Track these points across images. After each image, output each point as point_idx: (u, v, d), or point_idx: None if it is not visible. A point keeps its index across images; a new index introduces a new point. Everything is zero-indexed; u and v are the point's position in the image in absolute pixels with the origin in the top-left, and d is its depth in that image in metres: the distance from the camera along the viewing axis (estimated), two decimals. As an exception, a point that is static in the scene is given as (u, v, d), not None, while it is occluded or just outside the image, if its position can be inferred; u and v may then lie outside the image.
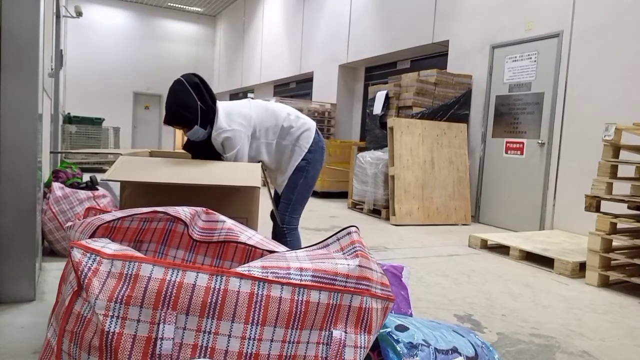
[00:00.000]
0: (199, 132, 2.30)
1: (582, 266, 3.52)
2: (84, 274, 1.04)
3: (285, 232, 2.47)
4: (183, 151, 2.52)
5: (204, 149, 2.39)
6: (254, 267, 1.11)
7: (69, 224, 1.34)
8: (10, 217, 2.26)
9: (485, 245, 4.39)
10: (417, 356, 1.39)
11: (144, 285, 1.02)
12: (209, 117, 2.29)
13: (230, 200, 1.91)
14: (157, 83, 16.77)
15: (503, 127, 5.67)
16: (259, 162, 2.43)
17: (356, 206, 6.48)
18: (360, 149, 6.73)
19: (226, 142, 2.32)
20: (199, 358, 1.02)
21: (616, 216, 3.30)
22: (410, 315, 2.08)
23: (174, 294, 1.02)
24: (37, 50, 2.26)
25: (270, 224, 2.66)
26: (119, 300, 1.01)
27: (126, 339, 0.99)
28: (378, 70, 8.92)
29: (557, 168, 4.99)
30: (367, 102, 6.95)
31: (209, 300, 1.03)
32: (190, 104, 2.24)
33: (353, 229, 1.29)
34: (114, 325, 0.99)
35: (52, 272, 2.85)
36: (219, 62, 17.15)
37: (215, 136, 2.30)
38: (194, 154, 2.46)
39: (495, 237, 4.39)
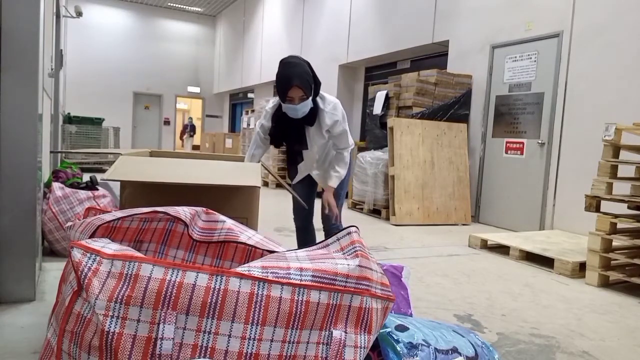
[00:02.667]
0: (308, 104, 2.42)
1: (582, 266, 3.52)
2: (84, 274, 1.04)
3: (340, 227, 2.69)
4: (183, 151, 2.53)
5: (293, 131, 2.55)
6: (254, 267, 1.11)
7: (69, 224, 1.34)
8: (10, 217, 2.26)
9: (485, 245, 4.39)
10: (417, 356, 1.38)
11: (144, 285, 1.02)
12: (315, 94, 2.47)
13: (230, 200, 1.91)
14: (157, 83, 16.77)
15: (503, 127, 5.67)
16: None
17: (356, 206, 6.48)
18: (360, 149, 6.73)
19: (342, 117, 2.56)
20: (199, 358, 1.02)
21: (616, 216, 3.30)
22: (410, 315, 2.08)
23: (174, 294, 1.02)
24: (37, 50, 2.26)
25: (270, 224, 2.67)
26: (119, 300, 1.01)
27: (126, 339, 0.99)
28: (378, 70, 8.92)
29: (557, 168, 4.99)
30: (367, 102, 6.95)
31: (209, 300, 1.03)
32: (311, 75, 2.41)
33: (353, 229, 1.29)
34: (114, 325, 0.99)
35: (52, 272, 2.85)
36: (219, 62, 17.15)
37: (330, 109, 2.50)
38: (279, 138, 2.64)
39: (495, 237, 4.39)
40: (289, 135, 2.62)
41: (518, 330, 2.44)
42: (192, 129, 17.64)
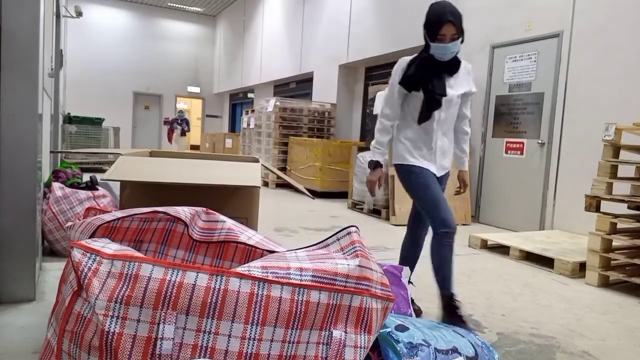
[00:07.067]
0: (457, 45, 2.30)
1: (582, 266, 3.52)
2: (84, 274, 1.04)
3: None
4: (183, 151, 2.50)
5: (434, 76, 2.32)
6: (254, 267, 1.11)
7: (69, 224, 1.34)
8: (10, 217, 2.26)
9: (485, 245, 4.39)
10: (417, 356, 1.39)
11: (144, 285, 1.02)
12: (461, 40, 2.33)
13: (230, 200, 1.91)
14: (157, 83, 16.77)
15: (503, 127, 5.67)
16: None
17: (356, 206, 6.48)
18: (360, 149, 6.73)
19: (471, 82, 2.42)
20: (199, 358, 1.02)
21: (616, 216, 3.30)
22: (410, 315, 2.08)
23: (174, 294, 1.02)
24: (37, 50, 2.26)
25: (270, 224, 2.64)
26: (119, 300, 1.01)
27: (126, 339, 0.99)
28: (378, 70, 8.92)
29: (557, 168, 4.99)
30: (367, 102, 6.95)
31: (209, 300, 1.03)
32: (462, 16, 2.32)
33: (353, 229, 1.29)
34: (114, 325, 0.99)
35: (52, 272, 2.85)
36: (219, 62, 17.16)
37: (469, 68, 2.48)
38: (420, 79, 2.32)
39: (495, 237, 4.39)
40: (428, 78, 2.32)
41: (518, 330, 2.44)
42: (185, 124, 13.78)
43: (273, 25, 12.52)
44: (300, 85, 11.65)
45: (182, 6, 16.54)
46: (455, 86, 2.39)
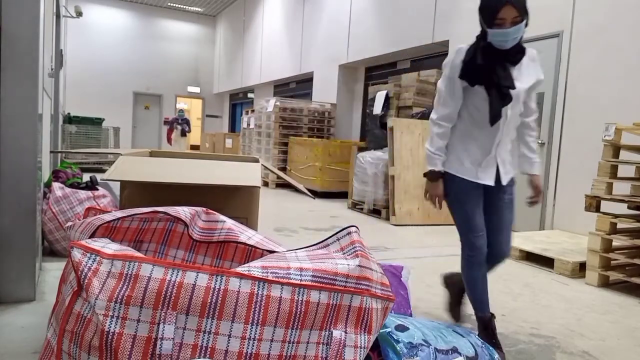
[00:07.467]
0: (520, 30, 1.97)
1: (582, 266, 3.52)
2: (84, 274, 1.04)
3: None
4: (183, 151, 2.49)
5: (493, 69, 2.00)
6: (254, 267, 1.11)
7: (69, 224, 1.34)
8: (10, 217, 2.26)
9: (485, 245, 4.39)
10: (417, 356, 1.39)
11: (144, 285, 1.02)
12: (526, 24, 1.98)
13: (230, 200, 1.91)
14: (157, 83, 16.78)
15: (503, 127, 5.67)
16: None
17: (356, 206, 6.48)
18: (360, 149, 6.73)
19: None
20: (199, 358, 1.02)
21: (616, 216, 3.30)
22: (410, 315, 2.08)
23: (174, 294, 1.02)
24: (37, 50, 2.26)
25: (270, 224, 2.63)
26: (119, 300, 1.01)
27: (126, 339, 0.99)
28: (378, 70, 8.92)
29: (557, 168, 4.99)
30: (367, 102, 6.96)
31: (209, 300, 1.03)
32: None
33: (353, 229, 1.29)
34: (114, 325, 0.99)
35: (52, 272, 2.85)
36: (219, 62, 17.16)
37: (536, 56, 2.11)
38: (483, 69, 2.02)
39: (495, 237, 4.38)
40: (492, 69, 2.00)
41: (518, 330, 2.44)
42: (186, 124, 13.08)
43: (273, 25, 12.52)
44: (300, 85, 11.65)
45: (182, 6, 16.54)
46: (520, 78, 2.05)
